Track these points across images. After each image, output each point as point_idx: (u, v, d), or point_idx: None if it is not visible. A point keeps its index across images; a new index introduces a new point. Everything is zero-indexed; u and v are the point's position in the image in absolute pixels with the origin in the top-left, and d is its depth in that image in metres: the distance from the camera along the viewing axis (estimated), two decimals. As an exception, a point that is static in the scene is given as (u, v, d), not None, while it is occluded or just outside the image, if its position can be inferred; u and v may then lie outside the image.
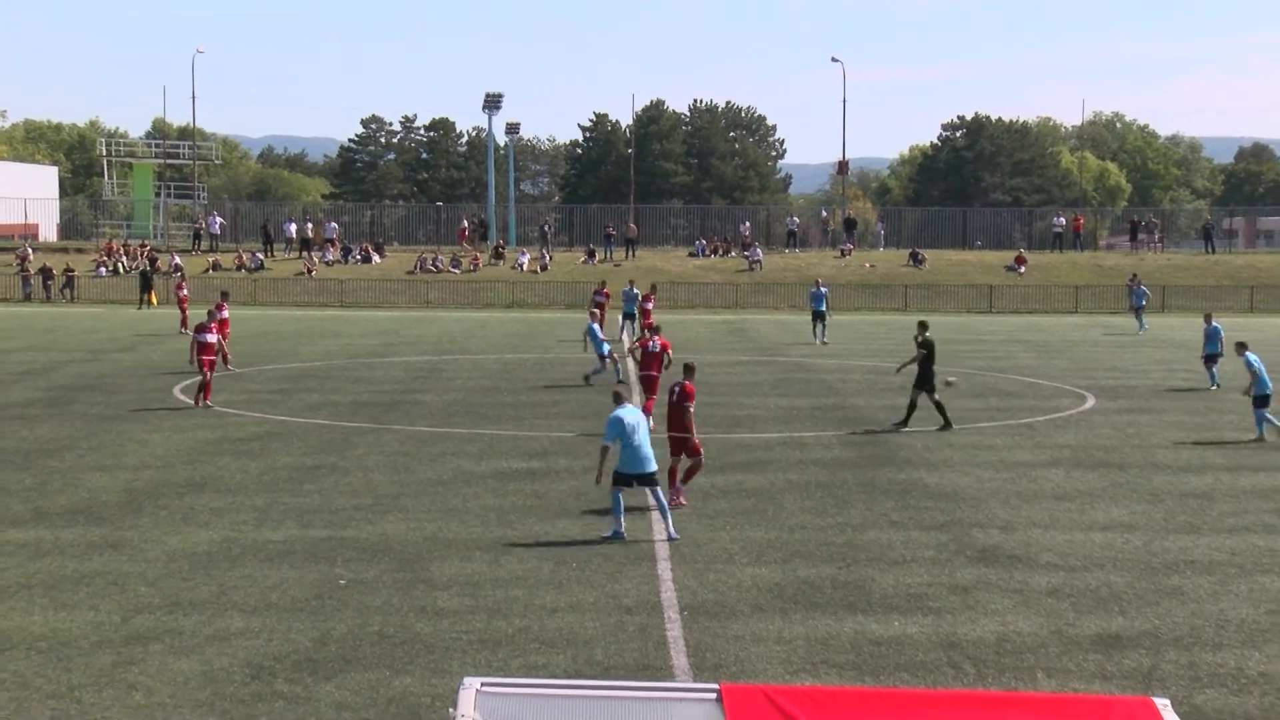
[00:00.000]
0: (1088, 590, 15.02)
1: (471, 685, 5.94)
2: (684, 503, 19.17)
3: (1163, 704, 5.82)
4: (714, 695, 5.92)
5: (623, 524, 17.28)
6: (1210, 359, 33.88)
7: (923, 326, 27.52)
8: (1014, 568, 16.00)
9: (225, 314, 36.06)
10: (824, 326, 46.33)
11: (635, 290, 47.83)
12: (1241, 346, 27.49)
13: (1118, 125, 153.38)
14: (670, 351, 28.07)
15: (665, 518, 17.42)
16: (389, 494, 20.12)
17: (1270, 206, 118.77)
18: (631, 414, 17.70)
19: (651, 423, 22.71)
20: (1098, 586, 15.18)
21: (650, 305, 46.25)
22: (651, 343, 28.09)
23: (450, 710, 5.83)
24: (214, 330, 30.90)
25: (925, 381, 26.56)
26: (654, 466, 17.55)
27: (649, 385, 27.33)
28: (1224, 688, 11.96)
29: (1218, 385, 33.16)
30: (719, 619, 13.90)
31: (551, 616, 13.95)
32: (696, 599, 14.61)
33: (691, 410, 19.70)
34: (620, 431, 17.42)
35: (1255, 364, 26.15)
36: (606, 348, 33.78)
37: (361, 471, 21.88)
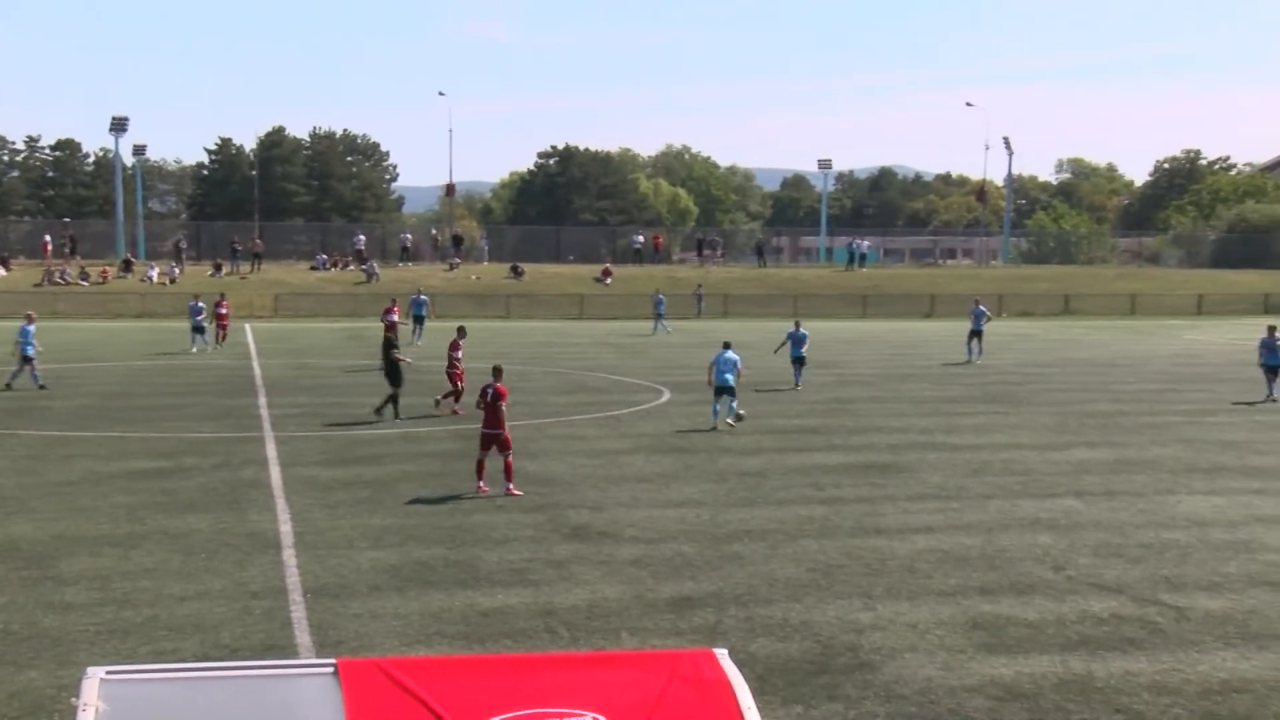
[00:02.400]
0: (664, 559, 15.52)
1: (95, 674, 5.59)
2: (516, 493, 19.13)
3: (721, 654, 6.07)
4: (331, 669, 5.79)
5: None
6: (799, 361, 34.68)
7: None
8: (602, 542, 16.36)
9: None
10: (422, 330, 48.18)
11: (424, 297, 50.59)
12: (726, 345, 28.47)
13: (686, 156, 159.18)
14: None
15: None
16: (15, 497, 18.73)
17: (808, 228, 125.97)
18: None
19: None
20: (672, 555, 15.70)
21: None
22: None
23: (72, 700, 5.47)
24: None
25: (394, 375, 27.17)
26: None
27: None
28: (773, 636, 12.60)
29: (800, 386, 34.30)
30: (340, 599, 13.62)
31: (180, 605, 13.33)
32: (319, 582, 14.27)
33: (505, 408, 19.58)
34: None
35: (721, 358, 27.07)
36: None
37: (-11, 476, 20.28)
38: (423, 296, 51.33)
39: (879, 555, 15.76)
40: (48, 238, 78.03)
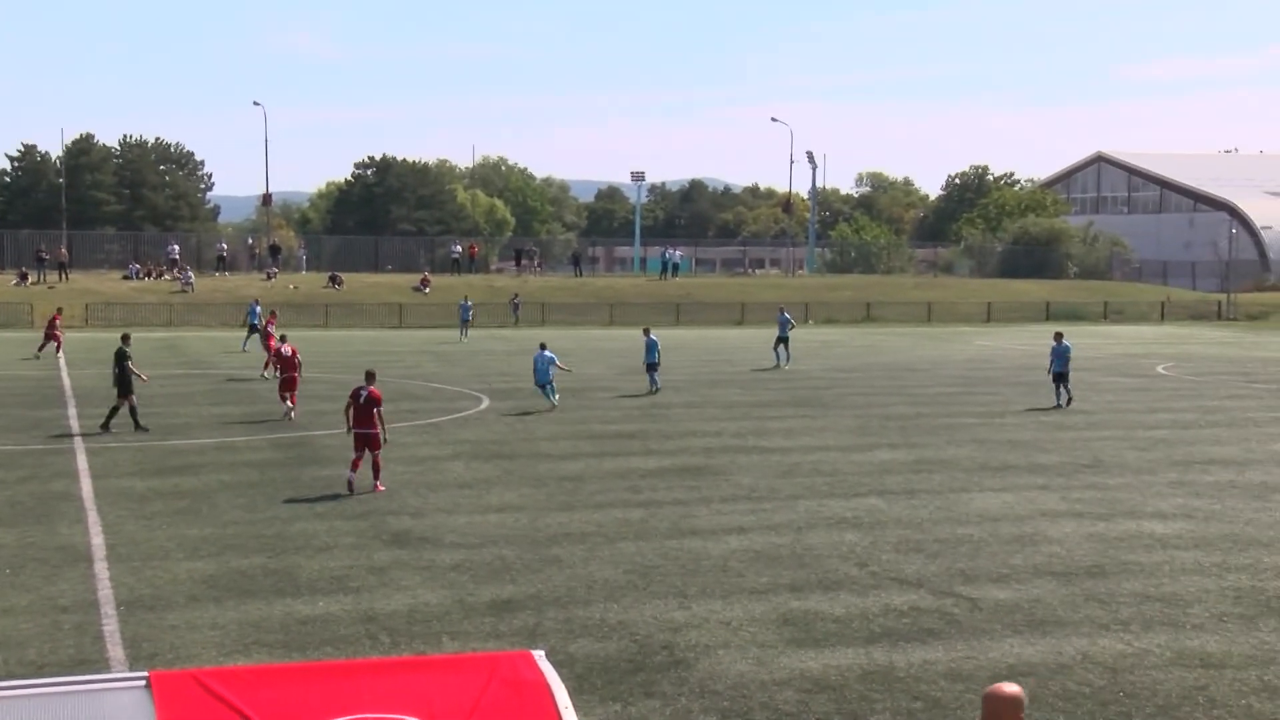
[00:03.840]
0: (484, 563, 15.42)
1: (-107, 697, 5.27)
2: (381, 489, 19.64)
3: (538, 654, 6.06)
4: (143, 683, 5.58)
5: None
6: (651, 367, 34.63)
7: (124, 339, 28.25)
8: (423, 548, 16.17)
9: None
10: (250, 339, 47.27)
11: (259, 308, 49.89)
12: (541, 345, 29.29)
13: (503, 168, 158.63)
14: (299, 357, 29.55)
15: None
16: None
17: (623, 238, 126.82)
18: None
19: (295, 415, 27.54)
20: (493, 560, 15.61)
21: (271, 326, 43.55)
22: (284, 349, 29.63)
23: None
24: None
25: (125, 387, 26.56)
26: None
27: (290, 385, 28.75)
28: (591, 636, 12.63)
29: (658, 390, 34.44)
30: (155, 611, 13.16)
31: (-14, 623, 12.68)
32: (133, 594, 13.76)
33: (379, 411, 19.98)
34: None
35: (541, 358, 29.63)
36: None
37: None
38: (257, 306, 51.03)
39: (694, 556, 15.93)
40: None
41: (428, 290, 73.93)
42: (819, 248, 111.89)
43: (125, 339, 28.06)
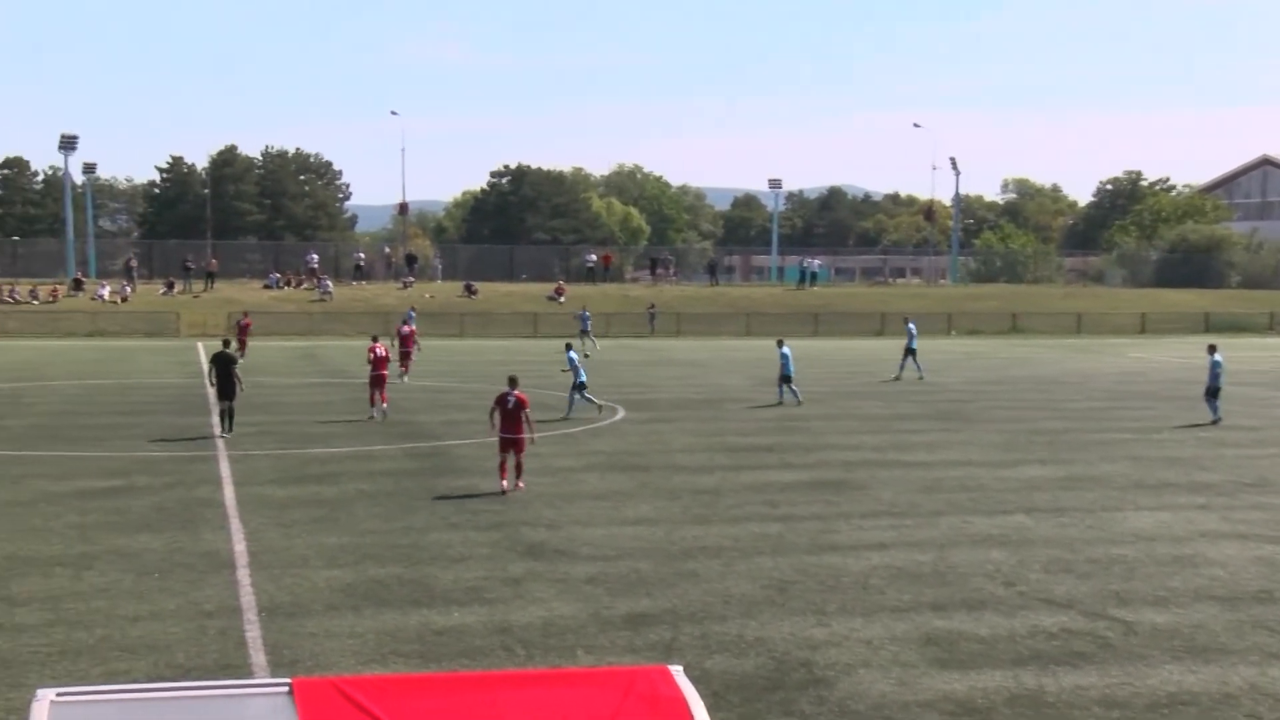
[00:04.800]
0: (620, 576, 15.48)
1: (45, 696, 5.49)
2: (522, 486, 20.80)
3: (676, 670, 6.06)
4: (286, 689, 5.72)
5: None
6: (786, 379, 34.69)
7: (227, 344, 29.42)
8: (558, 560, 16.30)
9: None
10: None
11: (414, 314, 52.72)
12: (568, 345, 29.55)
13: (638, 175, 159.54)
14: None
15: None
16: (-34, 517, 18.44)
17: (760, 247, 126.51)
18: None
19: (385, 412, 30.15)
20: (628, 573, 15.66)
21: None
22: (377, 349, 31.15)
23: (25, 724, 5.38)
24: None
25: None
26: None
27: (380, 383, 30.59)
28: (728, 652, 12.59)
29: (791, 400, 34.32)
30: (295, 618, 13.49)
31: (133, 625, 13.15)
32: (274, 601, 14.13)
33: (526, 415, 21.01)
34: None
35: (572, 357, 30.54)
36: None
37: (-63, 496, 19.96)
38: (413, 313, 52.34)
39: (833, 572, 15.79)
40: None
41: (562, 299, 74.64)
42: (962, 256, 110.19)
43: (228, 344, 29.09)
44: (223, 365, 27.78)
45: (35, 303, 68.08)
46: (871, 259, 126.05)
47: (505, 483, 20.80)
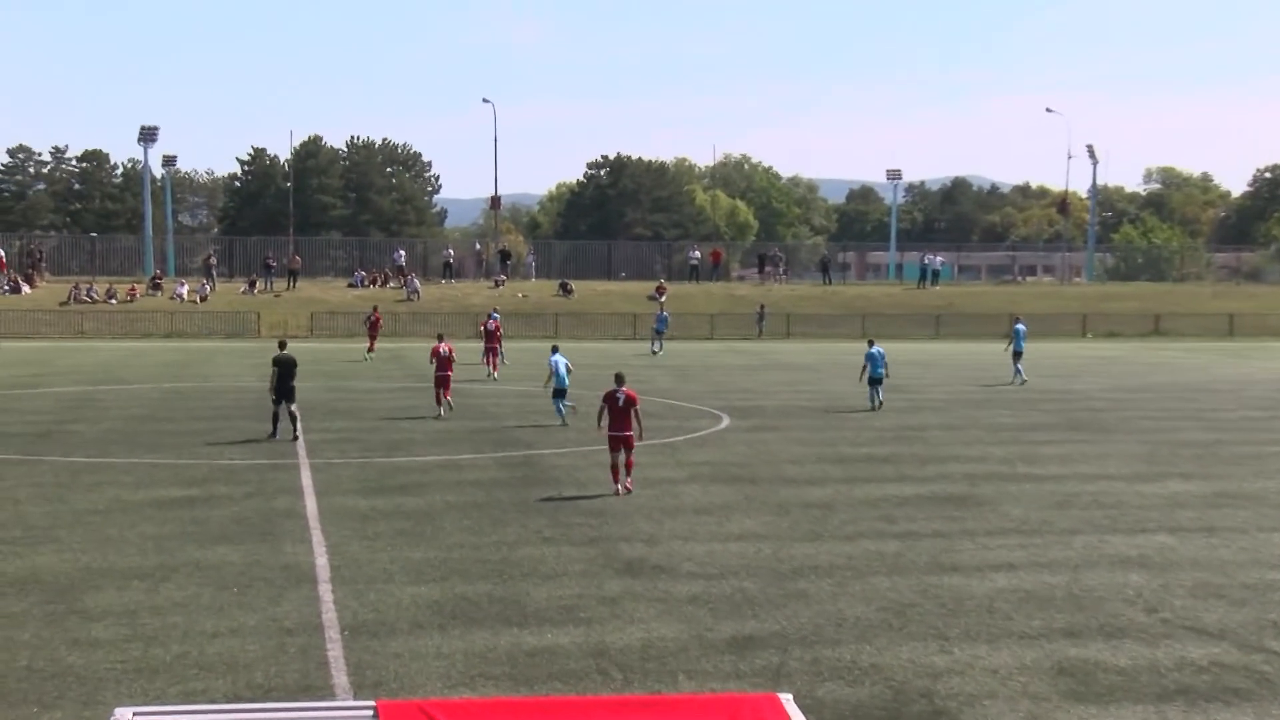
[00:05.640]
0: (724, 596, 15.45)
1: (123, 715, 5.63)
2: (630, 488, 21.73)
3: (786, 698, 6.03)
4: (370, 712, 5.80)
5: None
6: (876, 381, 34.70)
7: (283, 345, 29.52)
8: (658, 578, 16.32)
9: None
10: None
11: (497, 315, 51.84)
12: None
13: (745, 166, 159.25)
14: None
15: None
16: (41, 525, 18.97)
17: (877, 242, 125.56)
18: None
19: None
20: (733, 592, 15.63)
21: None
22: (442, 348, 33.18)
23: (101, 742, 5.51)
24: None
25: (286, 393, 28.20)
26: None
27: (445, 383, 32.75)
28: (841, 680, 12.50)
29: (876, 404, 34.54)
30: (379, 637, 13.66)
31: (211, 642, 13.42)
32: (357, 619, 14.32)
33: (636, 412, 22.11)
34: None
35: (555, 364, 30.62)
36: None
37: (11, 504, 20.55)
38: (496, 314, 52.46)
39: (955, 594, 15.62)
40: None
41: (663, 299, 74.76)
42: (1099, 253, 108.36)
43: (284, 345, 29.47)
44: (284, 367, 28.25)
45: (113, 302, 69.88)
46: (999, 255, 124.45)
47: (619, 486, 21.67)
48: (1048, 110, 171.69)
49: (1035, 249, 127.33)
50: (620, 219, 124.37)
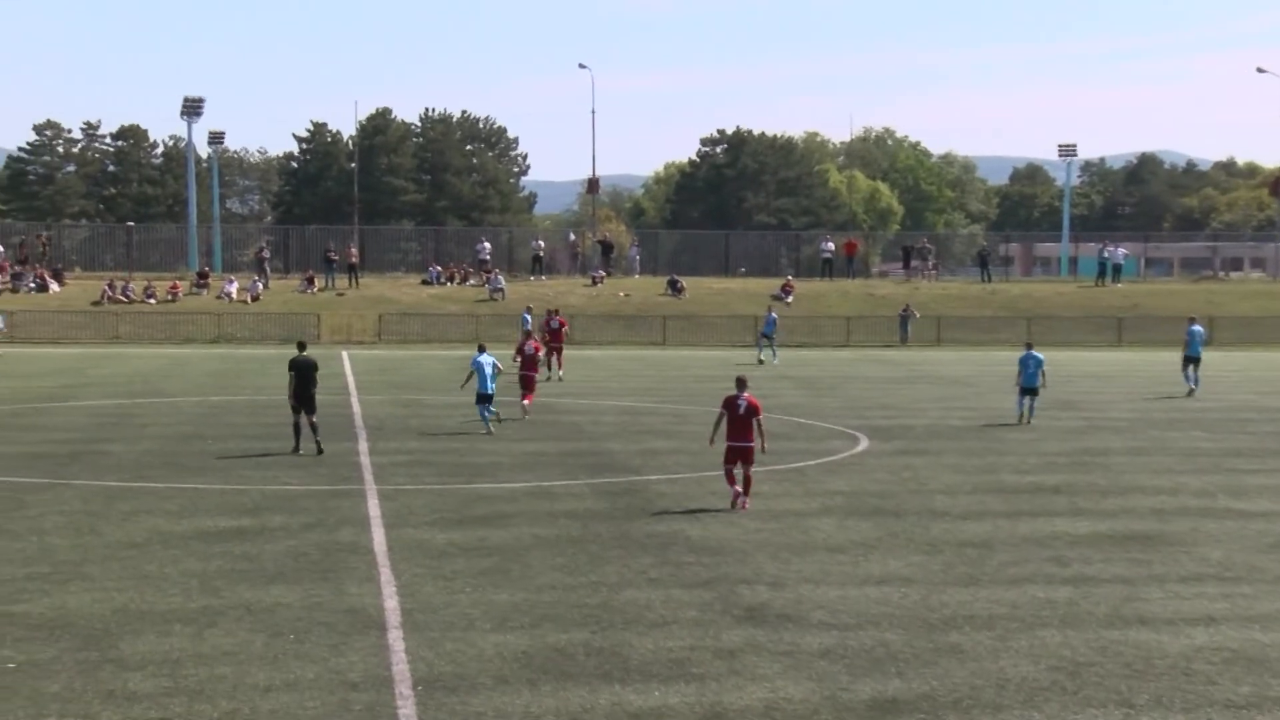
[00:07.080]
0: (862, 650, 15.37)
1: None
2: (749, 505, 22.91)
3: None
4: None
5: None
6: (1030, 391, 35.36)
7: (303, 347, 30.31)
8: (783, 628, 16.28)
9: None
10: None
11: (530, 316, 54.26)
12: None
13: (888, 142, 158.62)
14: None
15: None
16: (70, 560, 19.40)
17: (1046, 232, 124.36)
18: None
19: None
20: (873, 646, 15.55)
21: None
22: (527, 347, 37.04)
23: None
24: None
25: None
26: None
27: (529, 384, 36.14)
28: (1007, 752, 12.38)
29: (1025, 416, 35.08)
30: (458, 694, 13.78)
31: (265, 697, 13.62)
32: (432, 671, 14.46)
33: (759, 422, 23.21)
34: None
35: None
36: None
37: (36, 535, 21.04)
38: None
39: (1143, 652, 15.41)
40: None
41: (790, 299, 74.67)
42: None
43: (303, 346, 30.01)
44: (302, 372, 28.67)
45: (152, 302, 71.35)
46: (1196, 247, 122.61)
47: (736, 490, 23.03)
48: (1259, 70, 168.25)
49: (1242, 239, 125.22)
50: (739, 205, 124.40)
